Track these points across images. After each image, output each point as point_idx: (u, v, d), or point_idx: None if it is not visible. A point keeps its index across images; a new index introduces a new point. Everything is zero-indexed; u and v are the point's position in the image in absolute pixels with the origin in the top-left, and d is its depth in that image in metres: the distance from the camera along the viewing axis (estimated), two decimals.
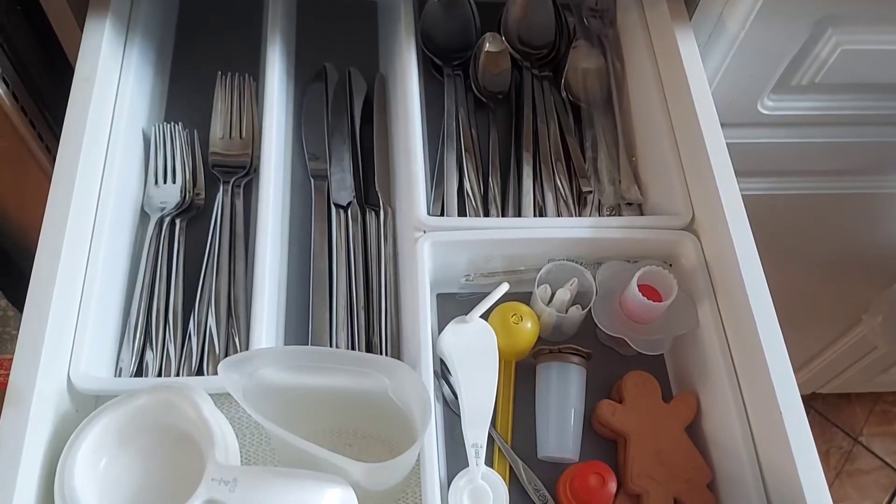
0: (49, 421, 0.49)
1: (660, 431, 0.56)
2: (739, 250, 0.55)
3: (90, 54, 0.61)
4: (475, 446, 0.52)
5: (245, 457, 0.55)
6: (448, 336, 0.56)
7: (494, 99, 0.71)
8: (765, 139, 0.82)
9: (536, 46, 0.73)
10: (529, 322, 0.58)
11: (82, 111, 0.58)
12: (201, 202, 0.64)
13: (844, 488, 1.54)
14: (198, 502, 0.43)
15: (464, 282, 0.61)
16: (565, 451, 0.56)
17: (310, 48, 0.74)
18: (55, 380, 0.50)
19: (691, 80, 0.63)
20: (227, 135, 0.67)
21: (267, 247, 0.58)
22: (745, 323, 0.54)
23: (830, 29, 0.69)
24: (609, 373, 0.59)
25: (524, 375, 0.60)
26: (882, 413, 1.62)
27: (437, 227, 0.59)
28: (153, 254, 0.61)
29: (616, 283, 0.58)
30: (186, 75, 0.72)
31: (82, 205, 0.56)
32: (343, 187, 0.65)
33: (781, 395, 0.51)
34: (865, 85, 0.76)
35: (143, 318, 0.58)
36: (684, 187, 0.62)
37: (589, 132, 0.69)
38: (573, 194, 0.66)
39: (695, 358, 0.58)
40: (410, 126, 0.63)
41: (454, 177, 0.65)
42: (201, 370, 0.57)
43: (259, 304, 0.56)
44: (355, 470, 0.45)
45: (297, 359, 0.49)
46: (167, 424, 0.48)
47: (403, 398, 0.49)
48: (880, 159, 0.87)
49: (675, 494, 0.53)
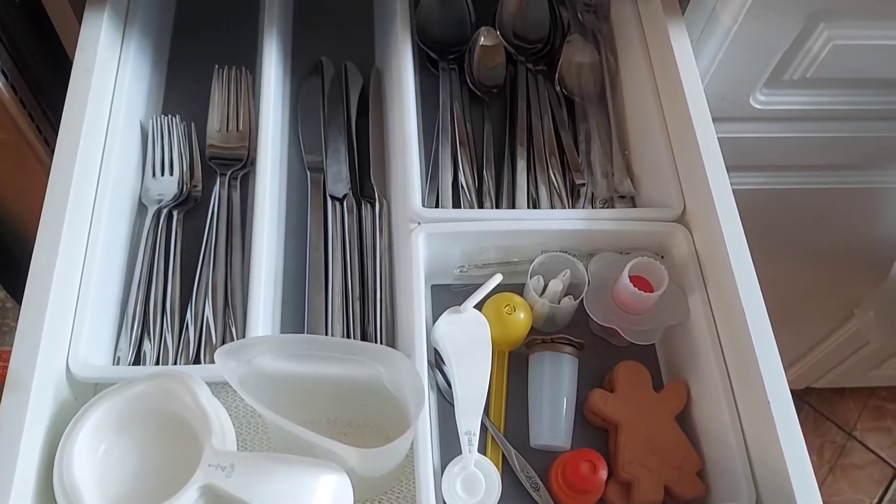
0: (48, 408, 0.49)
1: (651, 420, 0.56)
2: (729, 242, 0.56)
3: (88, 47, 0.62)
4: (468, 434, 0.53)
5: (241, 444, 0.56)
6: (442, 326, 0.57)
7: (489, 93, 0.72)
8: (757, 133, 0.82)
9: (531, 41, 0.73)
10: (522, 312, 0.58)
11: (81, 103, 0.59)
12: (198, 194, 0.65)
13: (838, 482, 1.55)
14: (195, 487, 0.44)
15: (458, 273, 0.62)
16: (557, 439, 0.56)
17: (306, 42, 0.75)
18: (54, 368, 0.51)
19: (683, 74, 0.63)
20: (224, 127, 0.67)
21: (263, 238, 0.59)
22: (735, 314, 0.54)
23: (822, 24, 0.69)
24: (601, 363, 0.60)
25: (517, 365, 0.60)
26: (876, 408, 1.62)
27: (431, 219, 0.60)
28: (151, 245, 0.61)
29: (608, 274, 0.59)
30: (184, 68, 0.72)
31: (81, 196, 0.56)
32: (339, 179, 0.66)
33: (770, 384, 0.51)
34: (857, 80, 0.77)
35: (140, 309, 0.59)
36: (676, 180, 0.62)
37: (582, 126, 0.70)
38: (566, 187, 0.67)
39: (685, 348, 0.59)
40: (406, 119, 0.63)
41: (449, 169, 0.66)
42: (198, 360, 0.58)
43: (256, 294, 0.56)
44: (350, 456, 0.46)
45: (292, 347, 0.50)
46: (165, 411, 0.49)
47: (398, 386, 0.49)
48: (872, 154, 0.88)
49: (666, 482, 0.54)
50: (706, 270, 0.59)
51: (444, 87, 0.70)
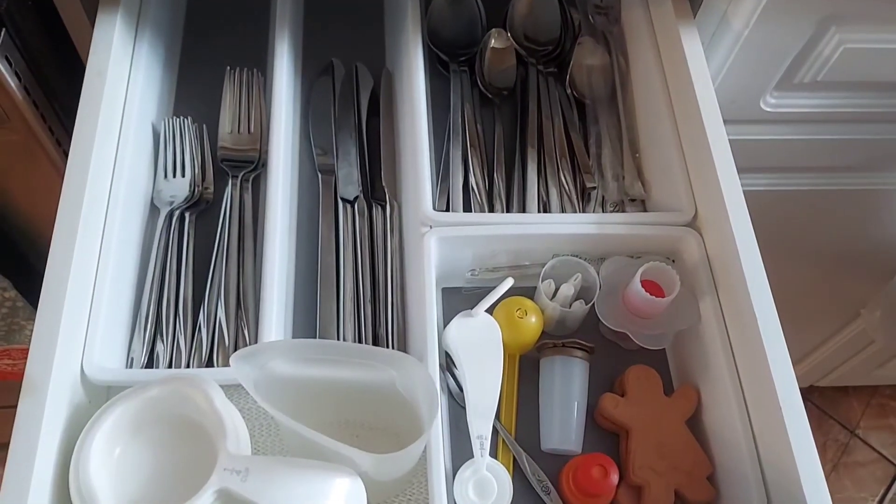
0: (63, 411, 0.50)
1: (661, 424, 0.56)
2: (741, 247, 0.56)
3: (101, 49, 0.62)
4: (480, 438, 0.53)
5: (255, 447, 0.56)
6: (453, 330, 0.57)
7: (500, 95, 0.72)
8: (768, 136, 0.83)
9: (542, 43, 0.73)
10: (534, 316, 0.59)
11: (94, 106, 0.59)
12: (210, 196, 0.65)
13: (841, 480, 1.55)
14: (210, 491, 0.44)
15: (469, 276, 0.62)
16: (568, 443, 0.57)
17: (317, 43, 0.75)
18: (69, 371, 0.51)
19: (695, 77, 0.63)
20: (235, 129, 0.67)
21: (275, 240, 0.59)
22: (746, 319, 0.54)
23: (833, 27, 0.69)
24: (611, 367, 0.60)
25: (528, 369, 0.60)
26: (879, 406, 1.63)
27: (442, 223, 0.60)
28: (163, 247, 0.61)
29: (619, 278, 0.59)
30: (195, 70, 0.72)
31: (94, 199, 0.57)
32: (350, 182, 0.66)
33: (781, 389, 0.51)
34: (867, 83, 0.77)
35: (153, 311, 0.59)
36: (687, 184, 0.62)
37: (593, 128, 0.70)
38: (577, 190, 0.67)
39: (696, 352, 0.59)
40: (416, 121, 0.64)
41: (459, 172, 0.66)
42: (211, 361, 0.58)
43: (268, 296, 0.57)
44: (363, 460, 0.46)
45: (306, 352, 0.50)
46: (179, 415, 0.49)
47: (410, 390, 0.50)
48: (881, 156, 0.88)
49: (676, 486, 0.54)
50: (717, 275, 0.59)
51: (455, 89, 0.70)
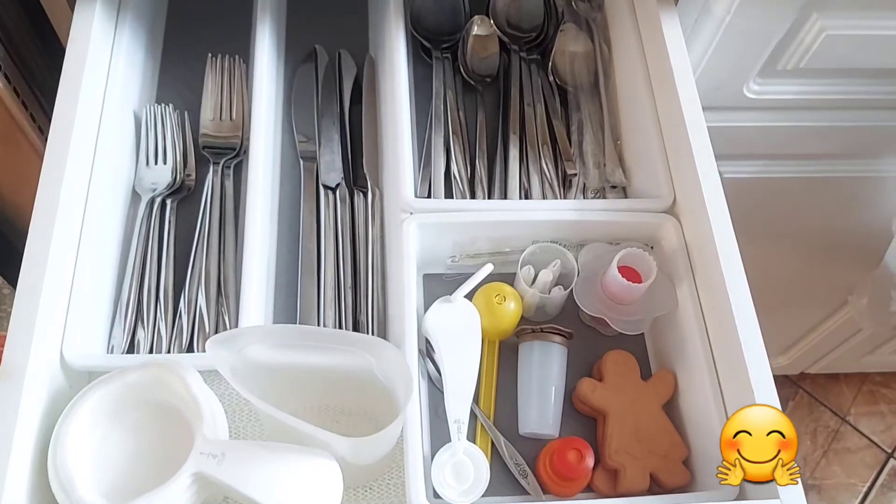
0: (42, 396, 0.50)
1: (638, 409, 0.57)
2: (717, 233, 0.56)
3: (81, 35, 0.62)
4: (457, 422, 0.54)
5: (233, 432, 0.56)
6: (433, 315, 0.57)
7: (482, 82, 0.72)
8: (751, 123, 0.83)
9: (525, 30, 0.73)
10: (513, 302, 0.59)
11: (73, 92, 0.59)
12: (192, 183, 0.65)
13: (831, 466, 1.56)
14: (186, 475, 0.45)
15: (449, 262, 0.62)
16: (546, 427, 0.57)
17: (300, 30, 0.75)
18: (48, 356, 0.51)
19: (674, 64, 0.63)
20: (217, 116, 0.67)
21: (256, 227, 0.59)
22: (721, 304, 0.55)
23: (815, 14, 0.69)
24: (590, 352, 0.61)
25: (507, 354, 0.61)
26: (869, 393, 1.64)
27: (423, 209, 0.60)
28: (144, 234, 0.62)
29: (597, 264, 0.60)
30: (177, 57, 0.72)
31: (74, 185, 0.57)
32: (332, 169, 0.66)
33: (754, 374, 0.52)
34: (850, 69, 0.77)
35: (134, 297, 0.59)
36: (667, 171, 0.62)
37: (575, 115, 0.70)
38: (558, 177, 0.67)
39: (673, 338, 0.60)
40: (398, 108, 0.64)
41: (441, 159, 0.66)
42: (191, 348, 0.58)
43: (248, 283, 0.57)
44: (340, 445, 0.46)
45: (284, 337, 0.51)
46: (158, 400, 0.50)
47: (388, 375, 0.50)
48: (865, 143, 0.88)
49: (652, 470, 0.55)
50: (694, 261, 0.59)
51: (438, 76, 0.70)
